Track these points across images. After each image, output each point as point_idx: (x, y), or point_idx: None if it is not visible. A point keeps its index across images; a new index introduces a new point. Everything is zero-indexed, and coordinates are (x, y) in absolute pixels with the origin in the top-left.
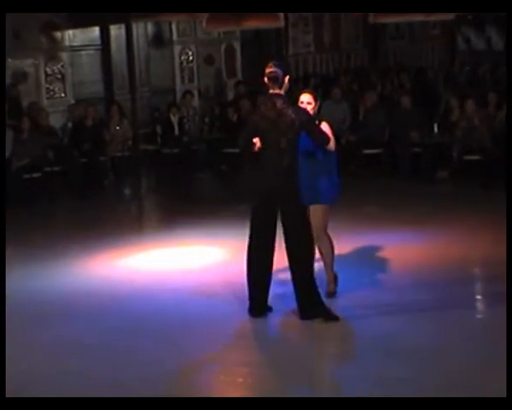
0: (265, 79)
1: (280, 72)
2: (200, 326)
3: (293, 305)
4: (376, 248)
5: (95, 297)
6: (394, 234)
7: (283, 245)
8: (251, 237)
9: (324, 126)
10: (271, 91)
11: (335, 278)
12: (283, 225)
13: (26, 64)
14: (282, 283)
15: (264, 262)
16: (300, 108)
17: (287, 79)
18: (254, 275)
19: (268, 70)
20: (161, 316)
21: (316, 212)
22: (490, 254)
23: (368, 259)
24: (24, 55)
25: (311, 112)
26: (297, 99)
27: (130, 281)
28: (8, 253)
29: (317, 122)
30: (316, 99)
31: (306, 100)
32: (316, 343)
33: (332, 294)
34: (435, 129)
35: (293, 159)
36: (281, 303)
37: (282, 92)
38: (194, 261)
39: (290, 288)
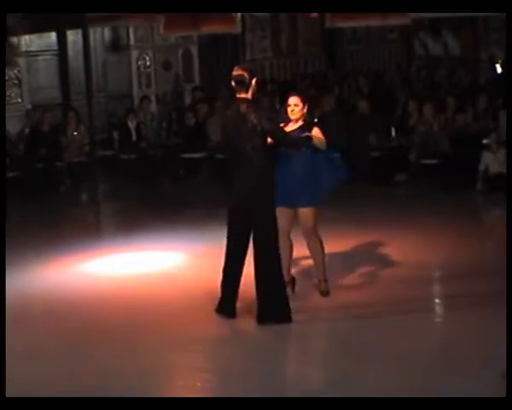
0: (232, 83)
1: (246, 75)
2: (158, 331)
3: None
4: (336, 252)
5: (49, 303)
6: (353, 237)
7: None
8: (227, 240)
9: (316, 132)
10: (238, 95)
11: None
12: (253, 229)
13: None
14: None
15: (235, 266)
16: (266, 112)
17: (254, 81)
18: (227, 276)
19: (234, 73)
20: (116, 322)
21: (307, 213)
22: (450, 255)
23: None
24: None
25: (299, 114)
26: (285, 102)
27: (86, 287)
28: None
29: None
30: (304, 101)
31: (294, 102)
32: (279, 347)
33: (325, 293)
34: (393, 133)
35: (263, 163)
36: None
37: (248, 96)
38: (151, 267)
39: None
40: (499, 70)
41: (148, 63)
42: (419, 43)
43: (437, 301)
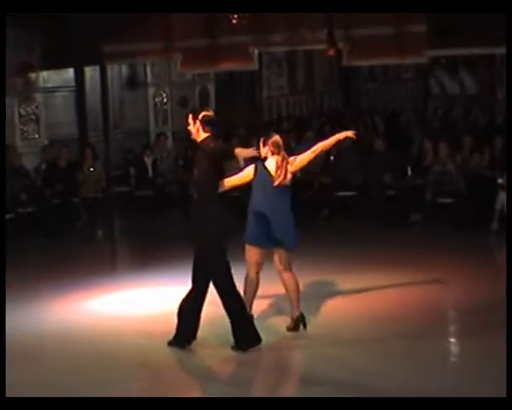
0: (204, 123)
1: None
2: (173, 371)
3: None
4: (348, 290)
5: (59, 339)
6: (367, 276)
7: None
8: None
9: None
10: (209, 134)
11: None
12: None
13: None
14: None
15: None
16: None
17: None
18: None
19: (210, 114)
20: (130, 360)
21: None
22: (465, 292)
23: (340, 300)
24: None
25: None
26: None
27: (97, 323)
28: None
29: None
30: (263, 143)
31: None
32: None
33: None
34: (409, 172)
35: None
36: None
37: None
38: (165, 304)
39: None
40: None
41: (164, 100)
42: (435, 82)
43: (451, 337)
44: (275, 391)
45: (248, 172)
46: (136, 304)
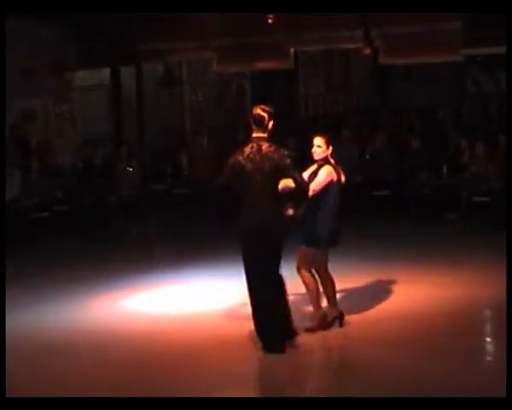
0: (250, 121)
1: (266, 116)
2: (201, 369)
3: None
4: (381, 289)
5: (90, 339)
6: (402, 274)
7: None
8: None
9: (321, 173)
10: (255, 135)
11: (325, 317)
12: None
13: (36, 104)
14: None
15: (259, 298)
16: (284, 152)
17: (271, 124)
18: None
19: (254, 112)
20: (152, 361)
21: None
22: (497, 294)
23: (374, 298)
24: (34, 94)
25: (322, 155)
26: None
27: (130, 323)
28: (14, 291)
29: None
30: (327, 143)
31: (316, 143)
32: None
33: (308, 330)
34: (444, 170)
35: (278, 201)
36: None
37: (266, 136)
38: (198, 303)
39: None
40: None
41: (200, 98)
42: (471, 81)
43: (486, 337)
44: (309, 391)
45: (331, 176)
46: (168, 303)
